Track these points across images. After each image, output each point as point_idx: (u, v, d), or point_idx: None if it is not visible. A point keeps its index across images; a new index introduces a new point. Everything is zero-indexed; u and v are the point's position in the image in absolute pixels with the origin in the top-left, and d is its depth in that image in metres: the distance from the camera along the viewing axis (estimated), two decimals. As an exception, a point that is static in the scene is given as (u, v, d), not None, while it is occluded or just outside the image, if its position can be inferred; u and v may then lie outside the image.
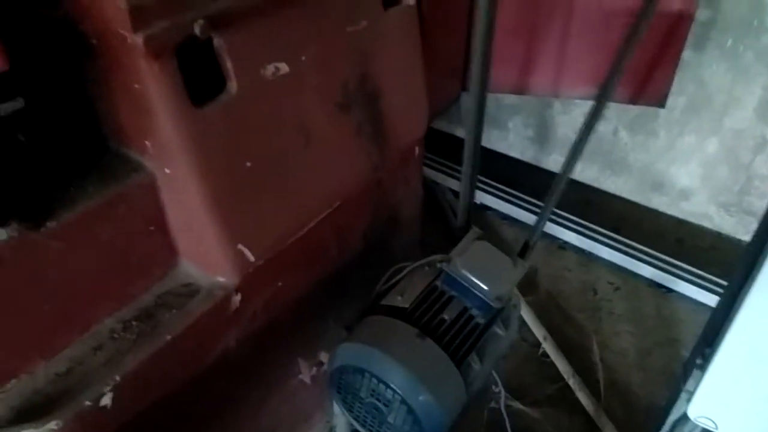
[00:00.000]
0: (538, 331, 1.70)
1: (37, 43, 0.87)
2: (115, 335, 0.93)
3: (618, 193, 2.09)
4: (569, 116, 2.03)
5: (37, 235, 0.81)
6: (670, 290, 1.87)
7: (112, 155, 0.95)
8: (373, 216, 1.39)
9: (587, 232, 1.96)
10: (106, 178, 0.91)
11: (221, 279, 1.00)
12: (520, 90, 1.65)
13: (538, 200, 2.01)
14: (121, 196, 0.91)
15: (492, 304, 1.12)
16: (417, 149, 1.46)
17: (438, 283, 1.15)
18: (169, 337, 0.93)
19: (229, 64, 0.89)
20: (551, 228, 1.98)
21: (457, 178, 2.08)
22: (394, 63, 1.23)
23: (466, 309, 1.12)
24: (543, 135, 2.13)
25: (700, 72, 1.74)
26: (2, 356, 0.84)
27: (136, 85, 0.85)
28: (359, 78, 1.15)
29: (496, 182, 2.12)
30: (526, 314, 1.73)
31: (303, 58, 1.00)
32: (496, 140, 2.22)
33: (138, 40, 0.79)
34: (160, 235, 0.98)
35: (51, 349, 0.89)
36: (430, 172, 2.15)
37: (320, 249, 1.24)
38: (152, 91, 0.84)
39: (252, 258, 0.99)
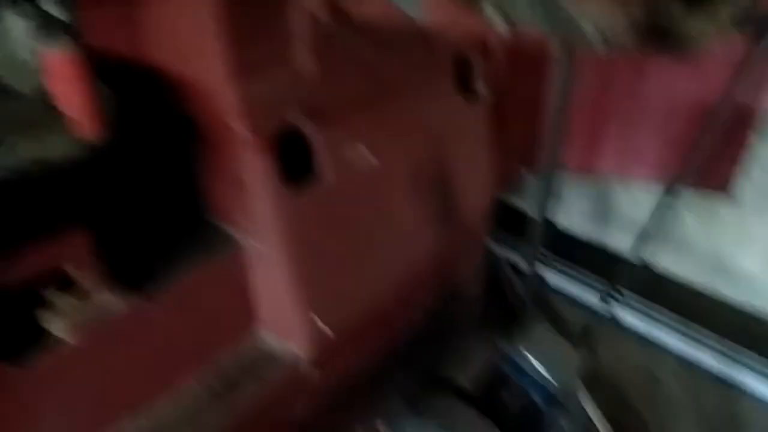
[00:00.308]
0: (596, 417, 1.67)
1: (150, 124, 0.98)
2: (197, 396, 0.99)
3: (682, 276, 2.06)
4: (628, 192, 2.04)
5: (141, 301, 0.89)
6: (733, 381, 1.80)
7: (207, 227, 1.04)
8: (437, 290, 1.44)
9: (649, 316, 1.93)
10: (202, 249, 0.99)
11: (298, 350, 1.05)
12: (584, 170, 1.68)
13: (596, 276, 2.00)
14: (214, 267, 0.99)
15: (554, 392, 1.13)
16: (481, 227, 1.51)
17: (501, 365, 1.17)
18: (245, 401, 0.99)
19: (322, 154, 0.98)
20: (609, 307, 1.96)
21: (514, 248, 2.10)
22: (465, 148, 1.30)
23: (527, 394, 1.14)
24: (601, 210, 2.14)
25: (765, 157, 1.74)
26: (96, 411, 0.91)
27: (238, 170, 0.94)
28: (434, 163, 1.22)
29: (552, 254, 2.12)
30: (584, 399, 1.70)
31: (387, 147, 1.08)
32: (551, 212, 2.23)
33: (245, 132, 0.89)
34: (244, 303, 1.05)
35: (138, 406, 0.96)
36: (488, 242, 2.17)
37: (387, 322, 1.28)
38: (252, 177, 0.93)
39: (329, 332, 1.05)
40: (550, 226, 1.42)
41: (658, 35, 0.59)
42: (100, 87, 1.02)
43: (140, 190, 0.93)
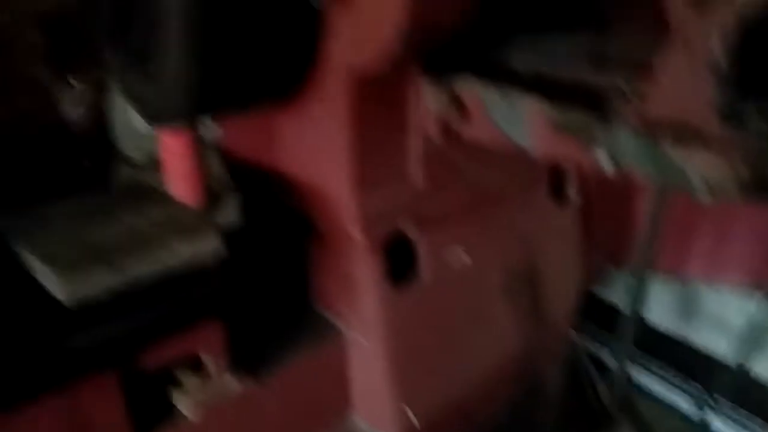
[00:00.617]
0: None
1: (269, 219, 1.10)
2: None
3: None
4: (716, 291, 1.97)
5: (254, 384, 0.98)
6: None
7: (314, 315, 1.13)
8: (520, 385, 1.45)
9: (744, 425, 1.82)
10: (309, 337, 1.08)
11: (387, 439, 1.10)
12: (673, 273, 1.68)
13: (687, 378, 1.91)
14: (319, 355, 1.07)
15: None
16: (566, 323, 1.52)
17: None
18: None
19: (423, 256, 1.06)
20: (702, 414, 1.86)
21: (601, 343, 2.05)
22: (555, 249, 1.34)
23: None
24: (686, 306, 2.08)
25: None
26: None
27: (348, 267, 1.04)
28: (524, 265, 1.27)
29: (639, 351, 2.05)
30: None
31: (482, 249, 1.15)
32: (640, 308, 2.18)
33: (361, 237, 0.98)
34: (342, 390, 1.12)
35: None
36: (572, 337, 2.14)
37: (469, 415, 1.31)
38: (362, 275, 1.02)
39: (416, 424, 1.09)
40: (638, 322, 1.41)
41: (764, 189, 0.63)
42: (227, 180, 1.16)
43: (259, 280, 1.04)
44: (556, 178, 1.30)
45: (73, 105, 1.47)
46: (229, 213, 1.12)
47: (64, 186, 1.32)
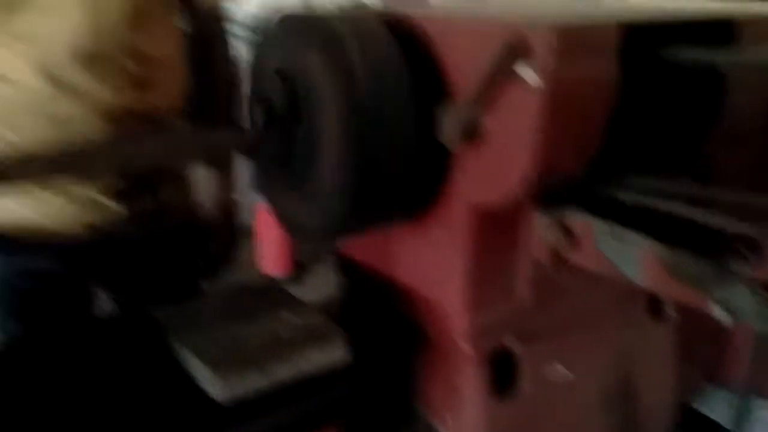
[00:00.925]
0: None
1: (380, 323, 1.18)
2: None
3: None
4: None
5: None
6: None
7: (417, 417, 1.19)
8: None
9: None
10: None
11: None
12: (773, 396, 1.62)
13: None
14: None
15: None
16: (661, 440, 1.50)
17: None
18: None
19: (525, 370, 1.11)
20: None
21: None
22: (652, 365, 1.35)
23: None
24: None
25: None
26: None
27: (454, 376, 1.10)
28: (621, 379, 1.29)
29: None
30: None
31: (581, 364, 1.19)
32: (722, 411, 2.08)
33: (469, 350, 1.05)
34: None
35: None
36: None
37: None
38: (466, 385, 1.08)
39: None
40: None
41: None
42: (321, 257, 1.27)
43: (370, 380, 1.12)
44: (654, 295, 1.33)
45: (205, 193, 1.65)
46: (325, 289, 1.23)
47: (198, 273, 1.48)
